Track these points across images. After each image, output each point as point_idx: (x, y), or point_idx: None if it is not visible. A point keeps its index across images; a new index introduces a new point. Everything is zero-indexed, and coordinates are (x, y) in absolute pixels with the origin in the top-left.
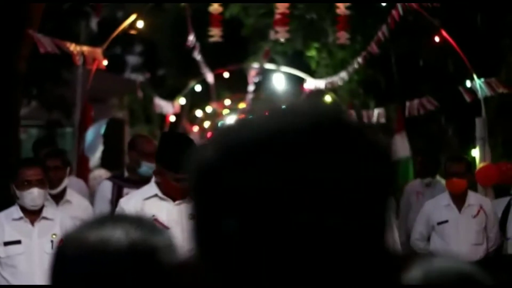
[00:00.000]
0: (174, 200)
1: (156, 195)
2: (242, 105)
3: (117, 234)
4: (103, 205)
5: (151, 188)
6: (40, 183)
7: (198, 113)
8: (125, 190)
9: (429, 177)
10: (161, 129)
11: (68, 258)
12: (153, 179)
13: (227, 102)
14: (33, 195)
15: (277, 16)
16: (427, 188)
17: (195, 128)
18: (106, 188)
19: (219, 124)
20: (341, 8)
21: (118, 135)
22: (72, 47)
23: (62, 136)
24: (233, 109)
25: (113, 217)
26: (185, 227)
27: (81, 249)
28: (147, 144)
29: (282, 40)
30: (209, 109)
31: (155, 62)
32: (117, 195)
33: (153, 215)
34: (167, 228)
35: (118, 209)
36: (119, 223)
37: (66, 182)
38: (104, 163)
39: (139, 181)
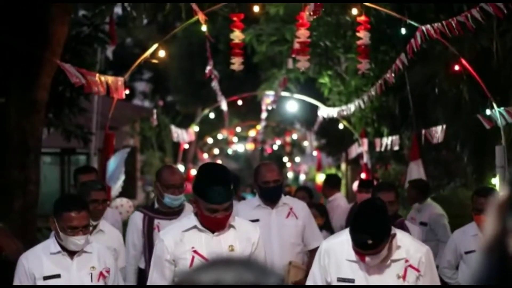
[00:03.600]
0: (213, 231)
1: (195, 227)
2: (252, 132)
3: (230, 277)
4: (135, 237)
5: (190, 219)
6: (86, 228)
7: (209, 140)
8: (156, 221)
9: (417, 203)
10: (175, 156)
11: None
12: (191, 211)
13: (238, 129)
14: (79, 242)
15: (297, 45)
16: (419, 213)
17: (205, 155)
18: (137, 219)
19: None
20: (363, 37)
21: (131, 163)
22: (97, 77)
23: (75, 162)
24: (242, 136)
25: (225, 259)
26: None
27: None
28: (171, 175)
29: (302, 69)
30: (219, 136)
31: (164, 89)
32: (148, 226)
33: (192, 247)
34: (206, 260)
35: (157, 242)
36: (231, 266)
37: (111, 213)
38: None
39: (169, 213)
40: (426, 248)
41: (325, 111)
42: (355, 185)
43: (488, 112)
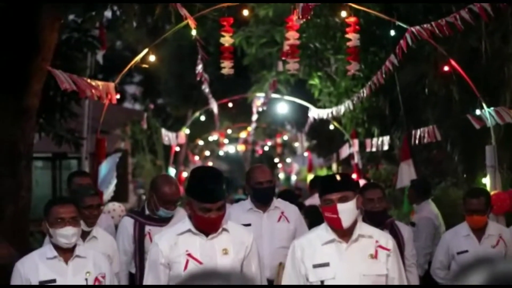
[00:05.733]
0: (207, 235)
1: (189, 230)
2: (243, 134)
3: None
4: (126, 242)
5: (184, 223)
6: (74, 220)
7: (200, 142)
8: (147, 227)
9: (416, 203)
10: (166, 159)
11: None
12: (183, 215)
13: (229, 131)
14: (67, 233)
15: (287, 48)
16: (416, 213)
17: (196, 157)
18: (128, 225)
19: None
20: (353, 38)
21: (122, 166)
22: (88, 82)
23: (67, 167)
24: (233, 138)
25: (207, 274)
26: (218, 262)
27: None
28: (169, 190)
29: (293, 72)
30: (210, 138)
31: (155, 92)
32: (139, 232)
33: (187, 250)
34: (200, 263)
35: (152, 246)
36: (213, 281)
37: (105, 218)
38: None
39: (160, 219)
40: (390, 236)
41: (315, 112)
42: None
43: (477, 112)
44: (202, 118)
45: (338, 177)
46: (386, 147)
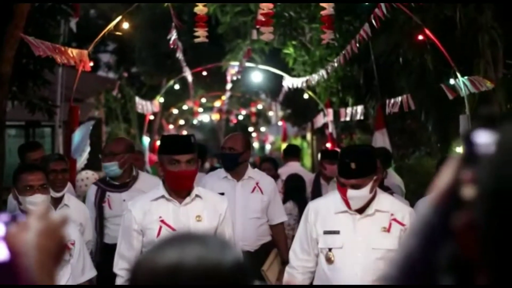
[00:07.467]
0: (180, 201)
1: (163, 196)
2: (217, 103)
3: (188, 257)
4: (90, 210)
5: (158, 189)
6: (43, 188)
7: (175, 111)
8: (108, 193)
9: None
10: (140, 128)
11: (141, 285)
12: (160, 182)
13: (203, 100)
14: (36, 200)
15: (261, 17)
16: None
17: (171, 126)
18: (91, 193)
19: None
20: (327, 7)
21: (96, 134)
22: (62, 50)
23: (40, 135)
24: (208, 106)
25: (181, 237)
26: (191, 227)
27: (153, 275)
28: (108, 145)
29: (266, 40)
30: (185, 107)
31: (129, 60)
32: (100, 198)
33: (160, 217)
34: (173, 229)
35: (125, 212)
36: (188, 244)
37: (68, 185)
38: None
39: (119, 185)
40: (410, 209)
41: (290, 81)
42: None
43: (452, 81)
44: (177, 86)
45: (353, 166)
46: (360, 117)
